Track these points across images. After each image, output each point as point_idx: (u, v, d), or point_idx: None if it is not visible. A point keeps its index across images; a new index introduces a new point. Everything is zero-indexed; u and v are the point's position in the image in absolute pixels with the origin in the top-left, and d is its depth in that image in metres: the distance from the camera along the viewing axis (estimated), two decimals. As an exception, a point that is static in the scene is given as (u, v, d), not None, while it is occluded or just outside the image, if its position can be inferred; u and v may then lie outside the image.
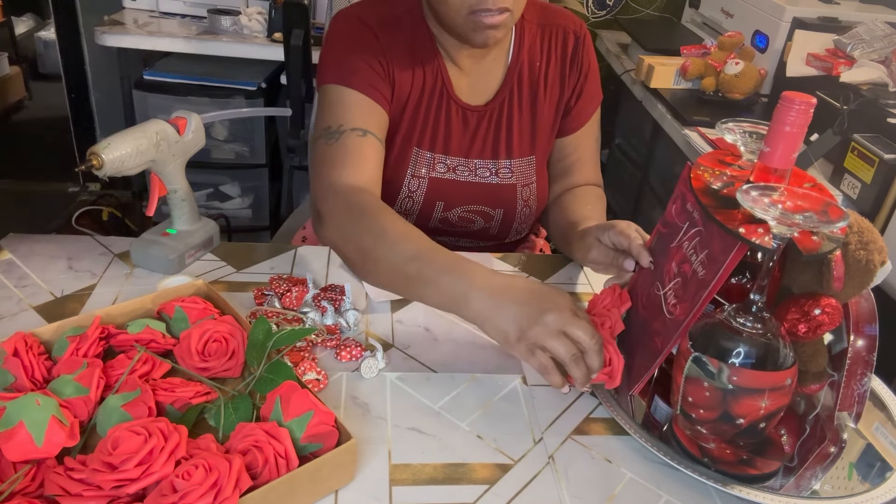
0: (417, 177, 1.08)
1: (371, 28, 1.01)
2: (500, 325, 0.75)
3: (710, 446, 0.73)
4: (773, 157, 0.67)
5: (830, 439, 0.75)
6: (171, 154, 0.92)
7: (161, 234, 0.97)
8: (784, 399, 0.68)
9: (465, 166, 1.10)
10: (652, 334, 0.77)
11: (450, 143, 1.09)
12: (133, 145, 0.86)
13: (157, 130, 0.89)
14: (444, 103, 1.07)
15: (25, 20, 4.03)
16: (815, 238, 0.66)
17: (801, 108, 0.65)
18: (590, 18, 2.60)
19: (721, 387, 0.67)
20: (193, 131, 0.94)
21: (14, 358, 0.68)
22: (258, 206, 2.44)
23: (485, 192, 1.11)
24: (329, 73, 1.01)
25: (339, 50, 1.01)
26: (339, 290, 0.93)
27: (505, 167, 1.11)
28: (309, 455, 0.64)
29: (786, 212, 0.61)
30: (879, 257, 0.70)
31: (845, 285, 0.70)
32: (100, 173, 0.84)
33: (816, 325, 0.71)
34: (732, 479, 0.69)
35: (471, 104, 1.08)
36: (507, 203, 1.12)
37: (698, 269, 0.72)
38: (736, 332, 0.68)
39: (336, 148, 0.96)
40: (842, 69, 1.66)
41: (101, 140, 0.84)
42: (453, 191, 1.10)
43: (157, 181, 0.94)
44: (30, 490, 0.59)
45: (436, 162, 1.08)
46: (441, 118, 1.07)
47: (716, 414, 0.69)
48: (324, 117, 1.00)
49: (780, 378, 0.67)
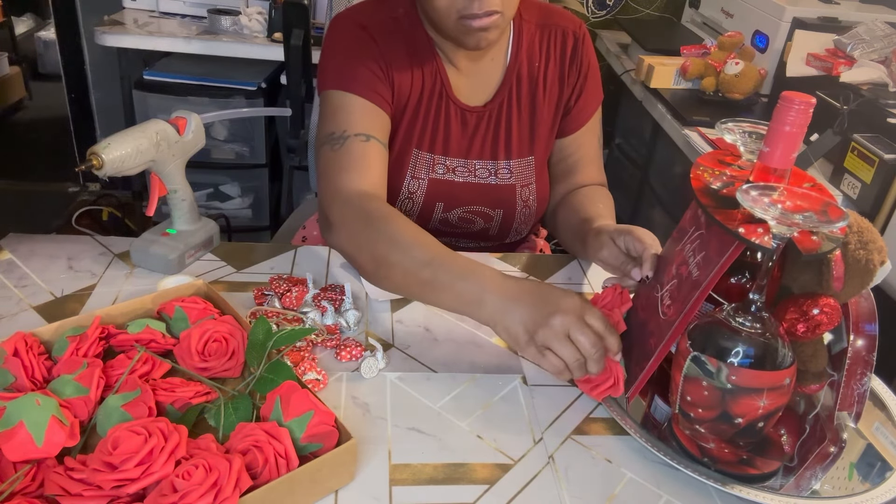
0: (417, 178, 1.09)
1: (369, 32, 1.01)
2: (510, 328, 0.76)
3: (709, 446, 0.73)
4: (773, 156, 0.68)
5: (830, 439, 0.75)
6: (171, 154, 0.92)
7: (161, 234, 0.97)
8: (783, 399, 0.68)
9: (465, 167, 1.10)
10: (648, 335, 0.77)
11: (449, 145, 1.09)
12: (133, 145, 0.86)
13: (158, 130, 0.89)
14: (444, 104, 1.07)
15: (25, 20, 4.03)
16: (814, 238, 0.66)
17: (801, 108, 0.65)
18: (590, 18, 2.60)
19: (720, 386, 0.67)
20: (193, 131, 0.94)
21: (14, 358, 0.68)
22: (258, 206, 2.44)
23: (484, 192, 1.11)
24: (330, 79, 1.01)
25: (338, 55, 1.02)
26: (339, 290, 0.93)
27: (504, 168, 1.11)
28: (309, 455, 0.64)
29: (786, 211, 0.61)
30: (879, 257, 0.70)
31: (845, 285, 0.70)
32: (100, 173, 0.84)
33: (815, 325, 0.71)
34: (732, 479, 0.69)
35: (469, 105, 1.08)
36: (506, 203, 1.13)
37: (693, 271, 0.73)
38: (735, 331, 0.68)
39: (341, 154, 0.96)
40: (842, 69, 1.66)
41: (101, 140, 0.84)
42: (452, 192, 1.10)
43: (157, 181, 0.94)
44: (30, 490, 0.59)
45: (435, 163, 1.09)
46: (440, 119, 1.07)
47: (714, 413, 0.69)
48: (327, 123, 1.00)
49: (778, 378, 0.67)
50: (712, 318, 0.70)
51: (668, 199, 2.01)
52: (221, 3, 2.25)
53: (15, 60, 3.59)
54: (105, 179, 0.87)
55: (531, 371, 0.84)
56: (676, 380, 0.71)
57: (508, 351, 0.87)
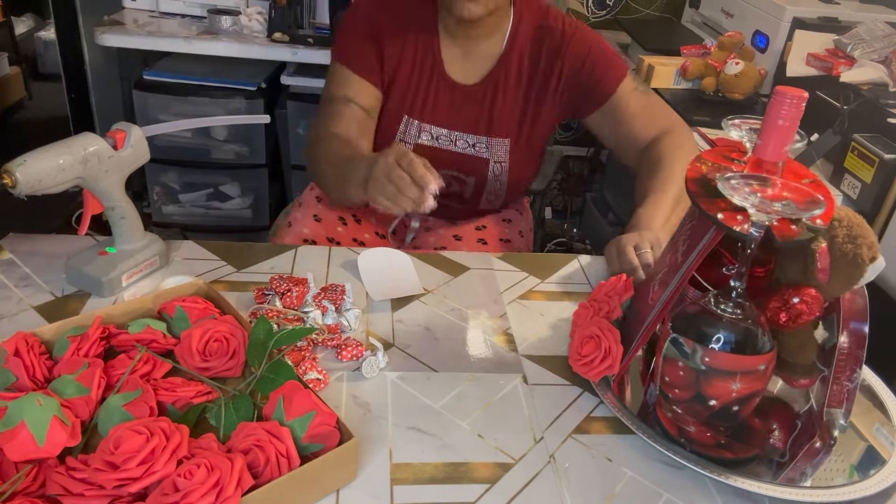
0: (405, 142, 1.24)
1: (378, 7, 1.21)
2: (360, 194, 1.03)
3: (689, 429, 0.74)
4: (766, 150, 0.70)
5: (819, 435, 0.76)
6: (104, 170, 0.86)
7: (99, 253, 0.92)
8: (758, 384, 0.70)
9: (448, 137, 1.25)
10: (640, 322, 0.79)
11: (436, 115, 1.23)
12: (53, 162, 0.80)
13: (86, 145, 0.84)
14: (436, 79, 1.22)
15: (25, 20, 4.03)
16: (794, 227, 0.68)
17: (794, 103, 0.67)
18: (590, 18, 2.60)
19: (694, 367, 0.70)
20: (133, 145, 0.89)
21: (15, 358, 0.68)
22: (258, 206, 2.44)
23: (461, 161, 1.25)
24: (335, 52, 1.24)
25: (345, 31, 1.23)
26: (339, 290, 0.93)
27: (482, 143, 1.24)
28: (310, 455, 0.64)
29: (765, 199, 0.63)
30: (869, 252, 0.70)
31: (832, 278, 0.71)
32: (14, 192, 0.78)
33: (796, 314, 0.72)
34: (708, 461, 0.70)
35: (460, 83, 1.22)
36: (479, 172, 1.26)
37: (679, 258, 0.75)
38: (715, 317, 0.70)
39: (327, 109, 1.22)
40: (842, 69, 1.66)
41: (18, 157, 0.79)
42: (434, 156, 1.17)
43: (89, 198, 0.89)
44: (31, 490, 0.59)
45: (422, 131, 1.24)
46: (431, 92, 1.22)
47: (690, 394, 0.72)
48: (327, 87, 1.25)
49: (752, 363, 0.69)
50: (695, 304, 0.73)
51: (668, 199, 2.01)
52: (221, 3, 2.25)
53: (15, 60, 3.58)
54: (23, 198, 0.80)
55: (532, 370, 0.84)
56: (658, 361, 0.74)
57: (509, 350, 0.87)
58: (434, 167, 1.16)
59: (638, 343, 0.78)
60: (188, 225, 2.39)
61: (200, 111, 2.18)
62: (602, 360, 0.78)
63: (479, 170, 1.25)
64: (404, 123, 1.24)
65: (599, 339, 0.79)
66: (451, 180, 1.27)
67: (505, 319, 0.94)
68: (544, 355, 0.87)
